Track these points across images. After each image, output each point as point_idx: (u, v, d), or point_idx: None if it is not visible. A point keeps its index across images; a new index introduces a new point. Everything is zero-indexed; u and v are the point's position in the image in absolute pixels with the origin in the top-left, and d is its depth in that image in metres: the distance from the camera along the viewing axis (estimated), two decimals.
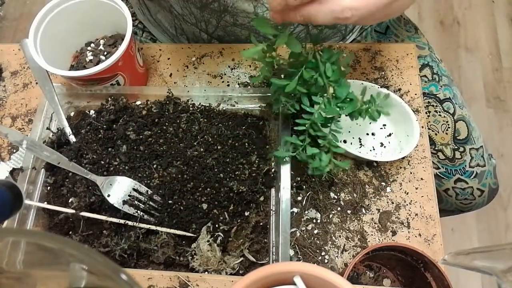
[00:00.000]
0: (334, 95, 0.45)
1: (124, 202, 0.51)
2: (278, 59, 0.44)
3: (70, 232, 0.54)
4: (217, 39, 0.70)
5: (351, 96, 0.46)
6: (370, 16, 0.36)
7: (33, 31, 0.56)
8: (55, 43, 0.59)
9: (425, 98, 0.69)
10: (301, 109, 0.48)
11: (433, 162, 0.68)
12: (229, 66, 0.66)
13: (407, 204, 0.56)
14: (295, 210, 0.56)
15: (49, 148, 0.54)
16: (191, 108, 0.58)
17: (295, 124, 0.49)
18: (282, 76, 0.48)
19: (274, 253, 0.51)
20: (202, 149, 0.55)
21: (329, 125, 0.47)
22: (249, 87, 0.64)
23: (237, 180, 0.53)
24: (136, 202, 0.51)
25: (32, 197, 0.54)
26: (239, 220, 0.52)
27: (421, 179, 0.57)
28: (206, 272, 0.51)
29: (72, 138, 0.57)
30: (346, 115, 0.61)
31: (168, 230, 0.51)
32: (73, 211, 0.51)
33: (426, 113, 0.68)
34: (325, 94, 0.45)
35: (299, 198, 0.57)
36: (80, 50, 0.64)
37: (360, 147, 0.58)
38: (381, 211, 0.56)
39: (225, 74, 0.65)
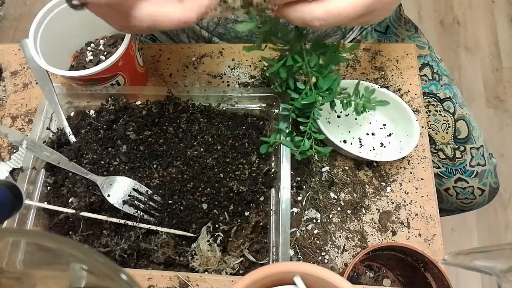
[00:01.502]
0: (316, 84, 0.48)
1: (124, 202, 0.51)
2: (270, 35, 0.45)
3: (70, 232, 0.54)
4: (217, 37, 0.70)
5: (334, 87, 0.48)
6: (340, 24, 0.38)
7: (33, 31, 0.56)
8: (55, 43, 0.59)
9: (425, 97, 0.69)
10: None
11: (433, 161, 0.68)
12: (229, 66, 0.66)
13: (407, 204, 0.56)
14: (295, 210, 0.56)
15: (49, 148, 0.54)
16: (191, 108, 0.58)
17: (282, 110, 0.53)
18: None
19: (274, 253, 0.51)
20: (202, 149, 0.55)
21: (309, 111, 0.50)
22: (249, 87, 0.64)
23: (237, 180, 0.53)
24: (136, 202, 0.51)
25: (32, 197, 0.54)
26: (239, 220, 0.52)
27: (421, 179, 0.57)
28: (206, 272, 0.51)
29: (72, 138, 0.57)
30: (346, 115, 0.61)
31: (168, 230, 0.51)
32: (73, 211, 0.51)
33: (426, 112, 0.68)
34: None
35: (299, 198, 0.57)
36: (80, 50, 0.64)
37: (360, 147, 0.58)
38: (381, 211, 0.56)
39: (225, 74, 0.65)
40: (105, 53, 0.62)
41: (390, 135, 0.59)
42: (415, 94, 0.62)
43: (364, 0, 0.35)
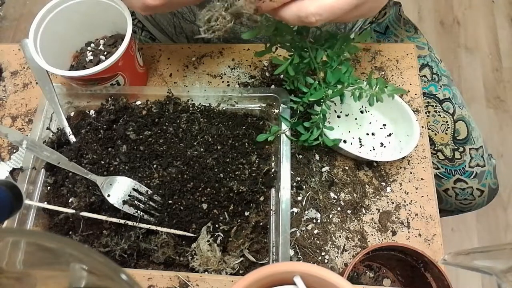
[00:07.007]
0: (324, 79, 0.48)
1: (124, 202, 0.51)
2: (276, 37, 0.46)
3: (70, 232, 0.54)
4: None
5: (344, 80, 0.48)
6: (337, 19, 0.38)
7: (33, 31, 0.56)
8: (55, 43, 0.59)
9: (424, 98, 0.69)
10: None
11: (432, 162, 0.68)
12: (229, 66, 0.66)
13: (407, 204, 0.56)
14: (295, 210, 0.56)
15: (49, 148, 0.54)
16: (191, 108, 0.58)
17: (292, 102, 0.53)
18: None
19: (274, 253, 0.51)
20: (202, 149, 0.55)
21: (322, 102, 0.51)
22: (249, 87, 0.64)
23: (237, 180, 0.53)
24: (136, 202, 0.51)
25: (32, 197, 0.54)
26: (239, 220, 0.52)
27: (421, 179, 0.57)
28: (206, 272, 0.51)
29: (72, 138, 0.57)
30: (346, 115, 0.61)
31: (168, 230, 0.51)
32: (73, 211, 0.51)
33: (425, 113, 0.68)
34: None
35: (299, 198, 0.57)
36: (80, 50, 0.64)
37: (360, 147, 0.58)
38: (381, 211, 0.56)
39: (225, 74, 0.65)
40: (105, 53, 0.62)
41: (390, 135, 0.59)
42: (415, 94, 0.62)
43: None
